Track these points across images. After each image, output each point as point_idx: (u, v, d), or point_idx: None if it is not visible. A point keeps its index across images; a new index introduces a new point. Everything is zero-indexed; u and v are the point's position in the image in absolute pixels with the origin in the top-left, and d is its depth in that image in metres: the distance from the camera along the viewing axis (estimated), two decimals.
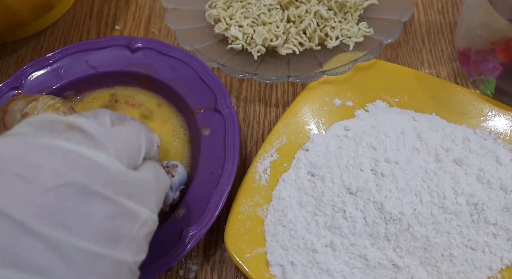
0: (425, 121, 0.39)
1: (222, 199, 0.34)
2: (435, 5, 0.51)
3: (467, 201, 0.33)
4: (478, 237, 0.33)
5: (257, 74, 0.41)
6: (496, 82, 0.41)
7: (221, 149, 0.36)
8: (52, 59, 0.43)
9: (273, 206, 0.36)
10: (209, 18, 0.47)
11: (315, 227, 0.35)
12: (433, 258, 0.33)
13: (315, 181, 0.37)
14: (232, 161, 0.35)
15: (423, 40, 0.49)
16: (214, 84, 0.39)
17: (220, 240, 0.38)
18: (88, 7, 0.54)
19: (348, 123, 0.40)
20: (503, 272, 0.33)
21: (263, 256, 0.34)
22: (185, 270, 0.37)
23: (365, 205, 0.34)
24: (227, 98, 0.39)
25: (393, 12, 0.45)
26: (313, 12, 0.45)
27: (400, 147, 0.36)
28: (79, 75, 0.42)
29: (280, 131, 0.40)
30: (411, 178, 0.34)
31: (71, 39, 0.52)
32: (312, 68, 0.42)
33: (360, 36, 0.45)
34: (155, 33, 0.51)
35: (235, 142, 0.36)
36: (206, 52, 0.43)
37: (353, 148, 0.37)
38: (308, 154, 0.39)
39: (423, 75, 0.42)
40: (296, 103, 0.41)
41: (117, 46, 0.43)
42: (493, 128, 0.39)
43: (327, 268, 0.33)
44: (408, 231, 0.33)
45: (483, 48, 0.41)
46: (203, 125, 0.38)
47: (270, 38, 0.45)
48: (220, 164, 0.36)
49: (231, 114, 0.38)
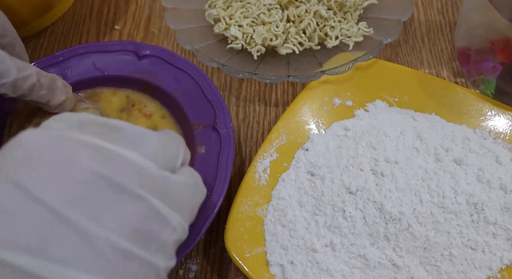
0: (425, 121, 0.39)
1: (205, 223, 0.33)
2: (435, 4, 0.51)
3: (467, 200, 0.33)
4: (478, 237, 0.33)
5: (256, 74, 0.41)
6: (496, 82, 0.41)
7: (213, 170, 0.35)
8: (61, 58, 0.42)
9: (272, 206, 0.36)
10: (208, 17, 0.47)
11: (315, 226, 0.35)
12: (433, 257, 0.33)
13: (314, 181, 0.37)
14: (222, 184, 0.34)
15: (423, 39, 0.49)
16: (216, 100, 0.39)
17: (220, 239, 0.38)
18: (87, 7, 0.54)
19: (347, 123, 0.40)
20: (502, 271, 0.33)
21: (263, 255, 0.34)
22: (185, 269, 0.37)
23: (365, 205, 0.34)
24: (226, 117, 0.38)
25: (393, 11, 0.45)
26: (312, 11, 0.45)
27: (400, 147, 0.36)
28: (85, 76, 0.42)
29: (279, 131, 0.40)
30: (411, 177, 0.34)
31: (71, 39, 0.52)
32: (312, 68, 0.42)
33: (359, 36, 0.45)
34: (155, 33, 0.51)
35: (228, 164, 0.35)
36: (206, 52, 0.43)
37: (352, 148, 0.37)
38: (307, 153, 0.39)
39: (423, 75, 0.42)
40: (295, 103, 0.41)
41: (125, 51, 0.42)
42: (493, 128, 0.39)
43: (327, 267, 0.33)
44: (408, 230, 0.33)
45: (483, 48, 0.41)
46: (199, 142, 0.37)
47: (270, 37, 0.45)
48: (210, 185, 0.35)
49: (229, 134, 0.37)
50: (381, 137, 0.37)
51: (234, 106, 0.45)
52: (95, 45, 0.43)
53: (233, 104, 0.46)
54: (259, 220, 0.36)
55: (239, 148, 0.43)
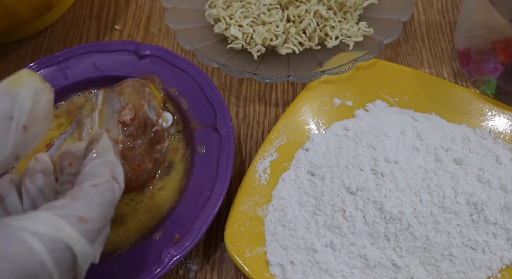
0: (425, 121, 0.39)
1: (206, 222, 0.33)
2: (435, 5, 0.51)
3: (467, 200, 0.33)
4: (478, 237, 0.33)
5: (257, 74, 0.41)
6: (496, 82, 0.41)
7: (213, 169, 0.36)
8: (61, 58, 0.42)
9: (273, 206, 0.36)
10: (208, 17, 0.47)
11: (315, 226, 0.35)
12: (433, 257, 0.33)
13: (315, 181, 0.37)
14: (223, 184, 0.35)
15: (423, 39, 0.49)
16: (216, 101, 0.39)
17: (220, 239, 0.38)
18: (88, 7, 0.54)
19: (348, 123, 0.40)
20: (502, 271, 0.33)
21: (263, 255, 0.34)
22: (185, 269, 0.37)
23: (365, 205, 0.34)
24: (226, 117, 0.38)
25: (393, 11, 0.45)
26: (313, 11, 0.45)
27: (400, 147, 0.36)
28: (86, 76, 0.42)
29: (280, 131, 0.40)
30: (411, 177, 0.34)
31: (71, 39, 0.52)
32: (312, 68, 0.42)
33: (360, 36, 0.44)
34: (155, 33, 0.51)
35: (229, 164, 0.35)
36: (206, 52, 0.43)
37: (353, 148, 0.37)
38: (308, 153, 0.39)
39: (423, 75, 0.42)
40: (296, 103, 0.41)
41: (125, 51, 0.42)
42: (493, 128, 0.39)
43: (327, 267, 0.33)
44: (408, 230, 0.33)
45: (483, 48, 0.41)
46: (199, 142, 0.37)
47: (270, 37, 0.45)
48: (210, 185, 0.35)
49: (229, 134, 0.37)
50: (381, 137, 0.37)
51: (234, 106, 0.45)
52: (95, 45, 0.43)
53: (233, 104, 0.46)
54: (259, 220, 0.36)
55: (239, 148, 0.43)
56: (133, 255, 0.33)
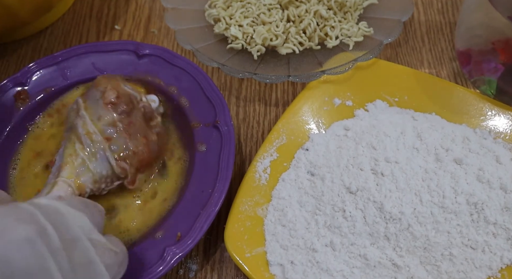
0: (425, 121, 0.39)
1: (208, 220, 0.33)
2: (435, 4, 0.51)
3: (467, 200, 0.33)
4: (478, 237, 0.33)
5: (257, 73, 0.41)
6: (497, 83, 0.41)
7: (214, 167, 0.36)
8: (60, 58, 0.42)
9: (273, 206, 0.36)
10: (208, 17, 0.47)
11: (315, 226, 0.35)
12: (433, 257, 0.33)
13: (315, 181, 0.37)
14: (224, 181, 0.35)
15: (423, 39, 0.49)
16: (216, 99, 0.39)
17: (220, 239, 0.38)
18: (87, 7, 0.54)
19: (348, 123, 0.40)
20: (503, 271, 0.33)
21: (263, 255, 0.34)
22: (185, 269, 0.37)
23: (365, 205, 0.34)
24: (227, 115, 0.38)
25: (393, 11, 0.45)
26: (313, 11, 0.45)
27: (400, 147, 0.36)
28: (85, 76, 0.42)
29: (280, 131, 0.40)
30: (411, 177, 0.34)
31: (71, 39, 0.52)
32: (312, 68, 0.42)
33: (360, 36, 0.45)
34: (155, 33, 0.51)
35: (230, 161, 0.35)
36: (206, 52, 0.43)
37: (353, 148, 0.37)
38: (308, 153, 0.39)
39: (423, 74, 0.42)
40: (296, 102, 0.41)
41: (125, 51, 0.42)
42: (493, 127, 0.39)
43: (327, 267, 0.33)
44: (408, 230, 0.33)
45: (483, 48, 0.41)
46: (200, 141, 0.37)
47: (270, 37, 0.45)
48: (212, 183, 0.35)
49: (229, 132, 0.37)
50: (381, 137, 0.37)
51: (234, 106, 0.45)
52: (94, 45, 0.43)
53: (233, 104, 0.46)
54: (259, 219, 0.36)
55: (239, 147, 0.43)
56: (135, 253, 0.33)
